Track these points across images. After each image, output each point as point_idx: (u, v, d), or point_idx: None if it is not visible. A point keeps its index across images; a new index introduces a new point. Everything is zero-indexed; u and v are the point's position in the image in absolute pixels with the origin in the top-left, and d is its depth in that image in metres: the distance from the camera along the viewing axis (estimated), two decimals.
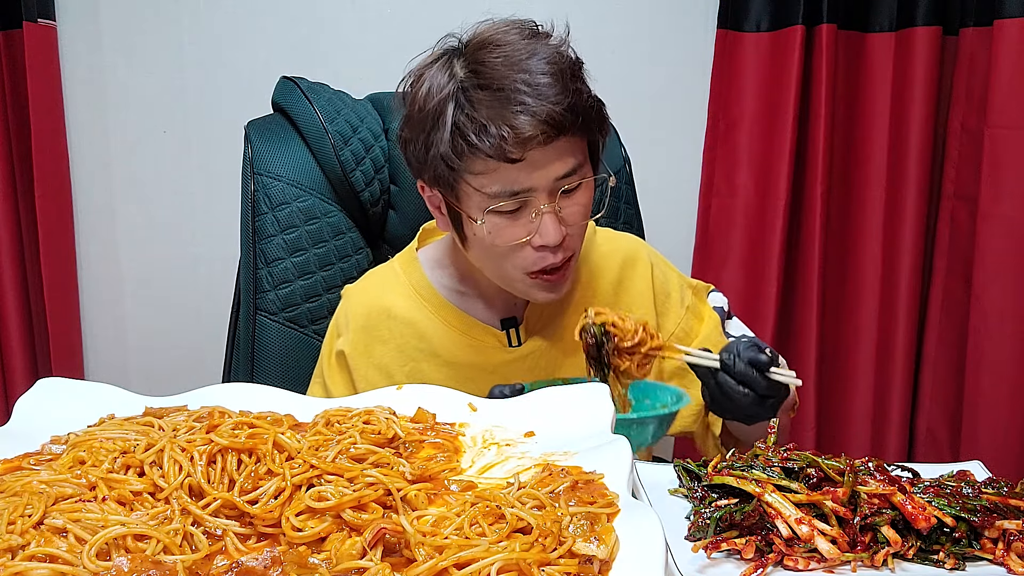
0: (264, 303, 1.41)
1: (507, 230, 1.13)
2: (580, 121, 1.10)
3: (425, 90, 1.12)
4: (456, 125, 1.08)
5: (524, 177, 1.10)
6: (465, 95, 1.09)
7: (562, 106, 1.07)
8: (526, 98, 1.06)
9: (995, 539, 0.86)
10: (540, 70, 1.08)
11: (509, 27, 1.14)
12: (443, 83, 1.10)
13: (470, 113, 1.08)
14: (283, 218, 1.40)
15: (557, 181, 1.11)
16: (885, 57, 2.03)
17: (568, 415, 0.94)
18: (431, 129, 1.11)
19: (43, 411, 0.94)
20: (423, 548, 0.69)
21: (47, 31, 2.00)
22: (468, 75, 1.10)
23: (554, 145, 1.09)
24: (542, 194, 1.11)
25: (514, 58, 1.09)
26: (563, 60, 1.11)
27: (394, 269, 1.32)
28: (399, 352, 1.26)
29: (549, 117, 1.06)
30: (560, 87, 1.08)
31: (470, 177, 1.11)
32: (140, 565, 0.67)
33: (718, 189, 2.14)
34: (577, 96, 1.10)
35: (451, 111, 1.09)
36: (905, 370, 2.15)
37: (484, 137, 1.06)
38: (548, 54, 1.10)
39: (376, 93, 1.53)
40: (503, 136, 1.06)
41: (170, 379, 2.08)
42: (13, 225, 2.03)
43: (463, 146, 1.08)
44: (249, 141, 1.43)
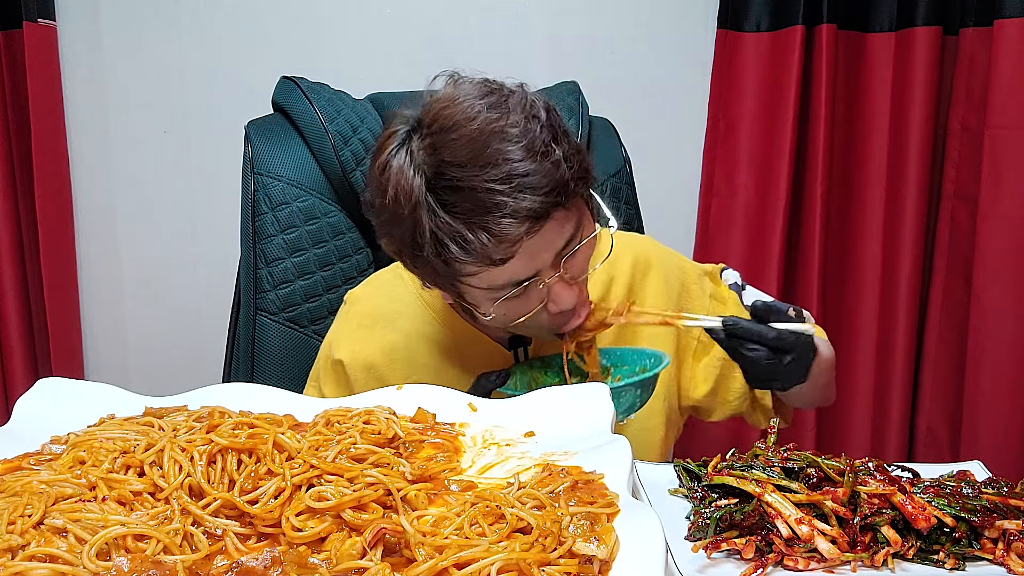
0: (264, 303, 1.40)
1: (520, 307, 1.07)
2: (565, 196, 1.01)
3: (392, 192, 1.02)
4: (435, 235, 1.00)
5: (524, 267, 1.02)
6: (436, 197, 0.99)
7: (543, 191, 0.98)
8: (503, 199, 0.97)
9: (995, 539, 0.86)
10: (514, 155, 0.98)
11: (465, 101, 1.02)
12: (408, 180, 1.01)
13: (447, 221, 0.99)
14: (283, 218, 1.40)
15: (559, 254, 1.04)
16: (885, 57, 2.03)
17: (568, 415, 0.94)
18: (412, 236, 1.02)
19: (43, 411, 0.94)
20: (423, 548, 0.69)
21: (47, 31, 2.00)
22: (433, 171, 1.00)
23: (546, 227, 1.00)
24: (547, 270, 1.04)
25: (480, 145, 0.98)
26: (533, 129, 1.00)
27: (400, 275, 1.28)
28: (401, 365, 1.23)
29: (531, 212, 0.97)
30: (537, 168, 0.98)
31: (465, 279, 1.04)
32: (140, 565, 0.67)
33: (718, 189, 2.14)
34: (555, 168, 0.99)
35: (425, 219, 1.00)
36: (905, 370, 2.15)
37: (466, 247, 0.98)
38: (518, 128, 0.99)
39: (376, 93, 1.53)
40: (485, 244, 0.98)
41: (170, 379, 2.07)
42: (13, 225, 2.03)
43: (448, 255, 1.00)
44: (249, 141, 1.43)
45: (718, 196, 2.14)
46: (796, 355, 1.09)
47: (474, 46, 2.06)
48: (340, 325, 1.28)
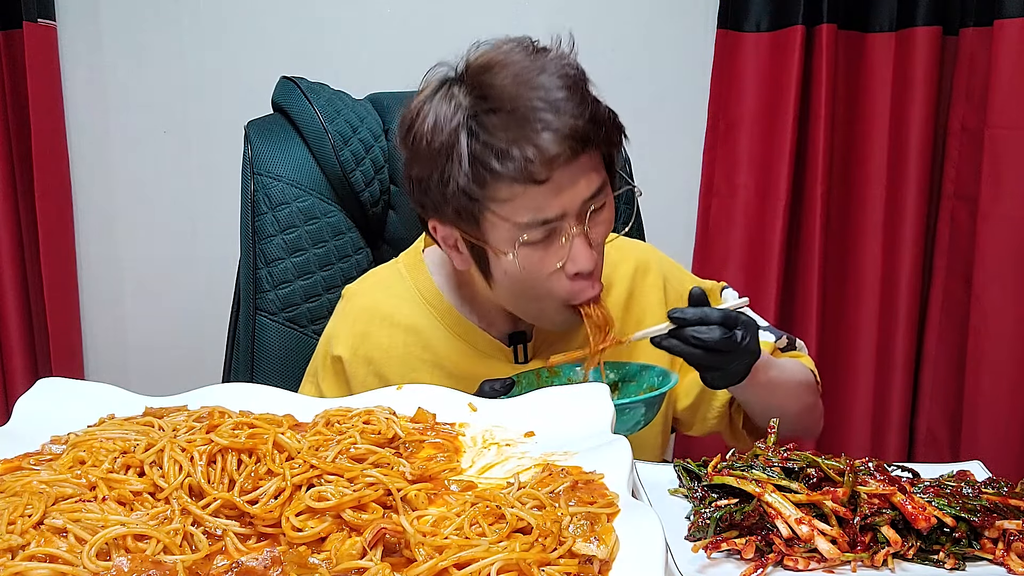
0: (264, 303, 1.40)
1: (539, 261, 1.09)
2: (603, 133, 1.06)
3: (430, 124, 1.06)
4: (473, 155, 1.03)
5: (553, 202, 1.05)
6: (476, 122, 1.04)
7: (583, 119, 1.03)
8: (545, 115, 1.02)
9: (995, 539, 0.86)
10: (554, 85, 1.04)
11: (510, 46, 1.08)
12: (448, 114, 1.05)
13: (487, 140, 1.02)
14: (283, 218, 1.40)
15: (585, 203, 1.07)
16: (885, 57, 2.03)
17: (568, 415, 0.94)
18: (445, 163, 1.05)
19: (43, 411, 0.94)
20: (423, 548, 0.69)
21: (47, 31, 2.00)
22: (475, 101, 1.05)
23: (579, 163, 1.04)
24: (571, 218, 1.07)
25: (524, 76, 1.04)
26: (574, 72, 1.07)
27: (398, 271, 1.28)
28: (400, 362, 1.22)
29: (573, 132, 1.02)
30: (578, 100, 1.04)
31: (495, 206, 1.05)
32: (140, 565, 0.67)
33: (718, 189, 2.14)
34: (595, 107, 1.06)
35: (464, 141, 1.03)
36: (905, 370, 2.14)
37: (507, 162, 1.01)
38: (557, 68, 1.06)
39: (376, 93, 1.53)
40: (528, 158, 1.01)
41: (170, 379, 2.07)
42: (13, 225, 2.03)
43: (485, 175, 1.03)
44: (249, 141, 1.43)
45: (718, 196, 2.14)
46: (745, 330, 1.09)
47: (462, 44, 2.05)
48: (338, 320, 1.28)
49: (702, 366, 1.11)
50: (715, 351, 1.07)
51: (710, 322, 1.07)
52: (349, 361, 1.23)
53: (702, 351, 1.07)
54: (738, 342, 1.08)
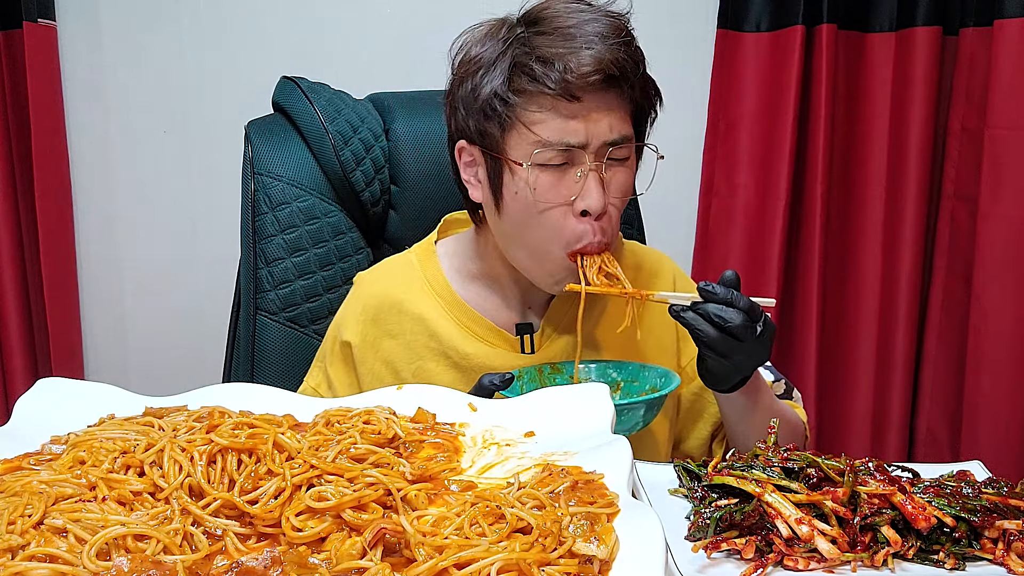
0: (264, 303, 1.40)
1: (551, 188, 1.10)
2: (638, 73, 1.12)
3: (479, 48, 1.13)
4: (516, 62, 1.09)
5: (578, 128, 1.09)
6: (526, 39, 1.10)
7: (624, 52, 1.09)
8: (590, 38, 1.07)
9: (995, 539, 0.86)
10: (601, 21, 1.10)
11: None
12: (502, 35, 1.12)
13: (531, 51, 1.08)
14: (283, 218, 1.40)
15: (606, 145, 1.10)
16: (885, 57, 2.03)
17: (568, 415, 0.94)
18: (486, 71, 1.11)
19: (43, 411, 0.94)
20: (423, 548, 0.69)
21: (47, 31, 2.00)
22: (528, 27, 1.11)
23: (610, 96, 1.10)
24: (591, 152, 1.10)
25: (575, 9, 1.11)
26: (623, 19, 1.13)
27: (410, 260, 1.29)
28: (407, 349, 1.23)
29: (613, 59, 1.07)
30: (622, 37, 1.10)
31: (524, 115, 1.10)
32: (140, 565, 0.67)
33: (718, 189, 2.14)
34: (638, 52, 1.12)
35: (511, 53, 1.10)
36: (905, 370, 2.15)
37: (547, 71, 1.07)
38: (608, 14, 1.12)
39: (376, 93, 1.53)
40: (567, 69, 1.06)
41: (170, 379, 2.07)
42: (13, 225, 2.03)
43: (523, 80, 1.09)
44: (249, 141, 1.43)
45: (718, 196, 2.14)
46: (766, 328, 1.07)
47: None
48: (348, 307, 1.29)
49: (712, 347, 1.06)
50: (730, 336, 1.05)
51: (737, 306, 1.05)
52: (358, 347, 1.24)
53: (719, 332, 1.05)
54: (756, 335, 1.06)
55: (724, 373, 1.11)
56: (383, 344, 1.24)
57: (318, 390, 1.27)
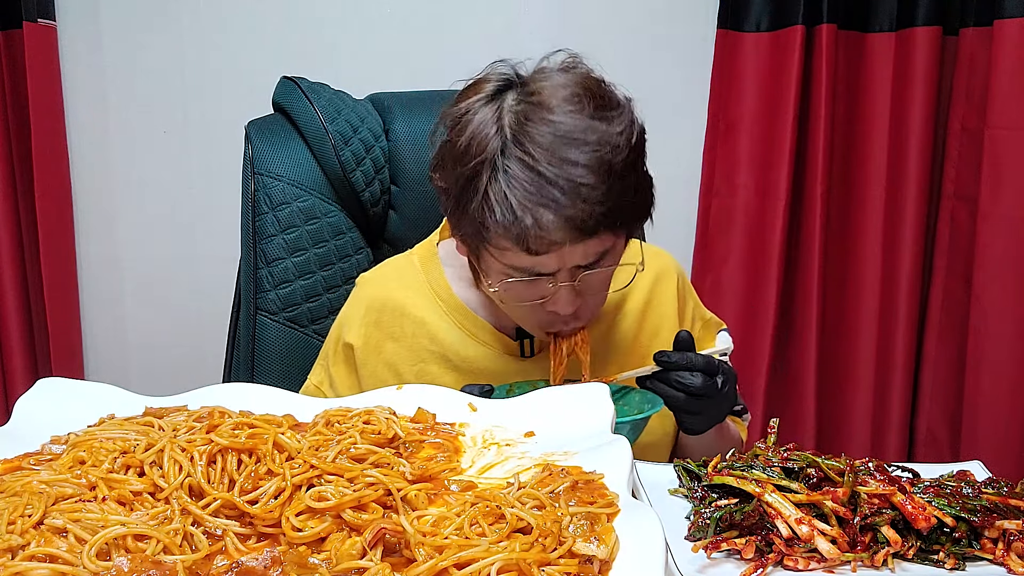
0: (264, 303, 1.40)
1: (522, 293, 1.10)
2: (616, 223, 1.05)
3: (468, 137, 1.04)
4: (487, 198, 1.02)
5: (545, 264, 1.05)
6: (505, 163, 1.01)
7: (598, 210, 1.01)
8: (562, 198, 0.99)
9: (995, 539, 0.86)
10: (586, 164, 1.00)
11: (568, 90, 1.04)
12: (488, 136, 1.03)
13: (504, 191, 1.01)
14: (283, 218, 1.40)
15: (579, 268, 1.07)
16: (885, 57, 2.03)
17: (568, 415, 0.94)
18: (463, 188, 1.05)
19: (43, 411, 0.94)
20: (423, 548, 0.69)
21: (47, 31, 2.00)
22: (514, 136, 1.02)
23: (587, 242, 1.04)
24: (562, 274, 1.07)
25: (561, 140, 1.01)
26: (616, 152, 1.03)
27: (412, 262, 1.29)
28: (409, 351, 1.24)
29: (580, 222, 1.00)
30: (603, 189, 1.01)
31: (492, 248, 1.06)
32: (140, 565, 0.67)
33: (718, 189, 2.14)
34: (620, 197, 1.03)
35: (486, 179, 1.02)
36: (905, 370, 2.15)
37: (510, 225, 1.01)
38: (602, 143, 1.02)
39: (377, 93, 1.53)
40: (527, 228, 1.00)
41: (170, 379, 2.07)
42: (13, 225, 2.03)
43: (489, 222, 1.02)
44: (250, 141, 1.43)
45: (718, 196, 2.14)
46: (726, 378, 1.12)
47: (473, 46, 2.06)
48: (350, 308, 1.29)
49: (682, 410, 1.12)
50: (696, 396, 1.10)
51: (694, 368, 1.09)
52: (360, 349, 1.24)
53: (684, 395, 1.10)
54: (719, 388, 1.11)
55: (700, 426, 1.16)
56: (386, 346, 1.24)
57: (320, 388, 1.28)
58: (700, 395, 1.10)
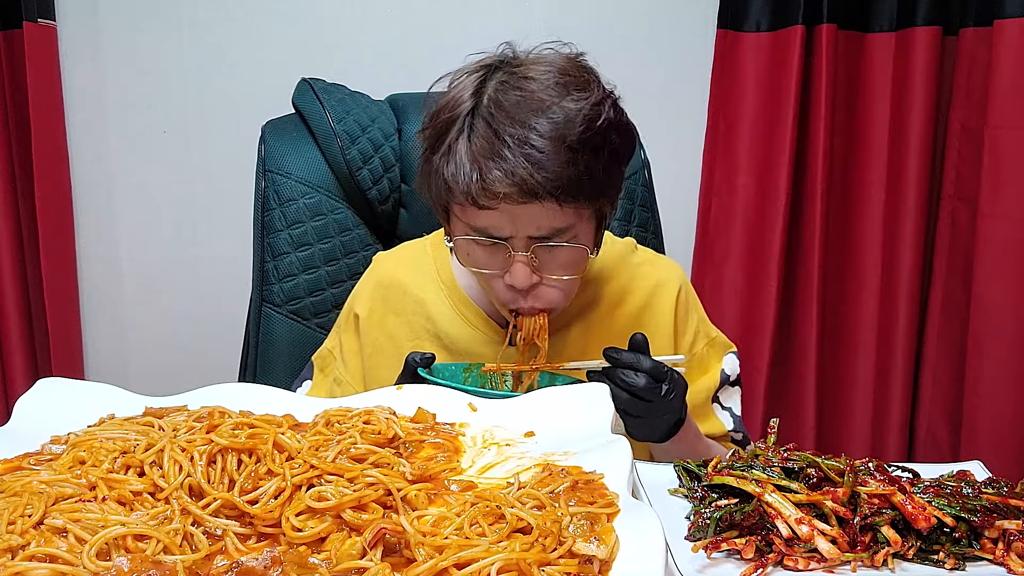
0: (270, 295, 1.44)
1: (481, 259, 1.13)
2: (559, 192, 1.04)
3: (448, 99, 1.10)
4: (448, 152, 1.07)
5: (498, 225, 1.08)
6: (472, 121, 1.07)
7: (542, 174, 1.02)
8: (509, 155, 1.03)
9: (995, 539, 0.86)
10: (542, 130, 1.03)
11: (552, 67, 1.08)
12: (464, 99, 1.08)
13: (465, 146, 1.06)
14: (289, 214, 1.43)
15: (532, 239, 1.09)
16: (885, 57, 2.03)
17: (568, 415, 0.94)
18: (434, 143, 1.10)
19: (43, 411, 0.94)
20: (423, 548, 0.69)
21: (47, 31, 2.00)
22: (489, 100, 1.07)
23: (532, 205, 1.05)
24: (517, 242, 1.09)
25: (526, 107, 1.04)
26: (572, 126, 1.04)
27: (425, 247, 1.35)
28: (408, 327, 1.29)
29: (522, 181, 1.02)
30: (550, 155, 1.03)
31: (453, 205, 1.11)
32: (140, 565, 0.67)
33: (718, 189, 2.14)
34: (567, 167, 1.03)
35: (453, 135, 1.07)
36: (905, 370, 2.15)
37: (461, 177, 1.05)
38: (564, 115, 1.04)
39: (395, 94, 1.54)
40: (473, 181, 1.04)
41: (170, 379, 2.07)
42: (13, 225, 2.03)
43: (446, 173, 1.07)
44: (264, 140, 1.47)
45: (718, 196, 2.14)
46: (672, 387, 1.11)
47: (474, 47, 2.05)
48: (364, 283, 1.35)
49: (623, 410, 1.11)
50: (639, 399, 1.09)
51: (640, 369, 1.09)
52: (365, 319, 1.31)
53: (627, 395, 1.09)
54: (662, 395, 1.10)
55: (643, 431, 1.15)
56: (388, 320, 1.31)
57: (332, 352, 1.35)
58: (642, 397, 1.09)
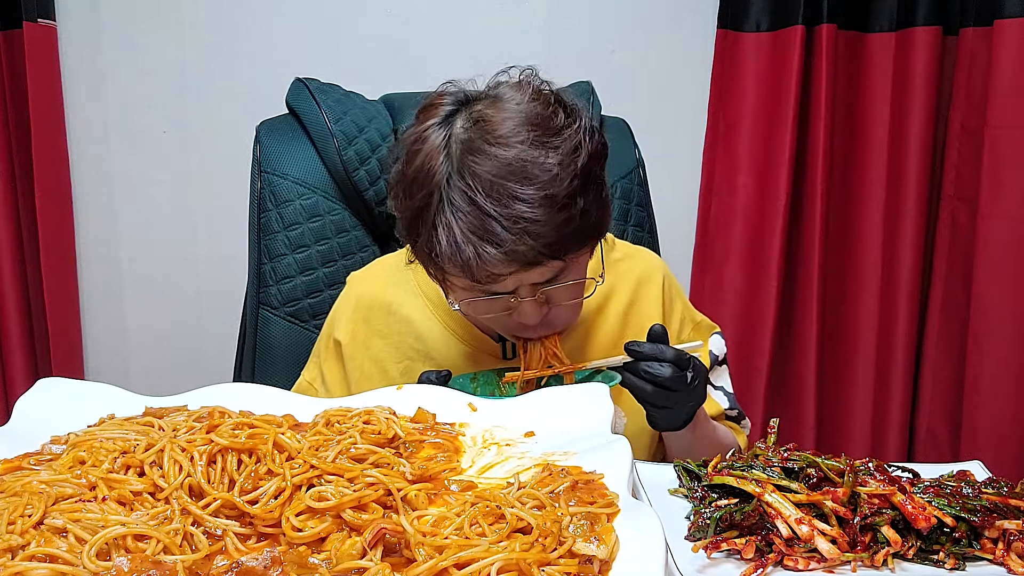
0: (267, 297, 1.43)
1: (485, 309, 1.10)
2: (561, 252, 1.02)
3: (417, 166, 1.03)
4: (434, 229, 1.01)
5: (501, 287, 1.05)
6: (449, 195, 1.00)
7: (542, 243, 0.99)
8: (504, 235, 0.98)
9: (995, 539, 0.86)
10: (525, 197, 0.98)
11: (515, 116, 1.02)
12: (435, 165, 1.02)
13: (449, 223, 1.00)
14: (287, 215, 1.42)
15: (537, 285, 1.06)
16: (885, 57, 2.03)
17: (568, 415, 0.94)
18: (413, 218, 1.04)
19: (43, 411, 0.94)
20: (423, 548, 0.69)
21: (47, 31, 2.00)
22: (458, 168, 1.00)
23: (533, 270, 1.03)
24: (523, 290, 1.06)
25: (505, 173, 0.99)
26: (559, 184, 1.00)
27: (402, 262, 1.29)
28: (396, 349, 1.25)
29: (522, 256, 0.99)
30: (545, 223, 0.99)
31: (447, 276, 1.06)
32: (140, 565, 0.67)
33: (718, 189, 2.14)
34: (564, 226, 1.01)
35: (434, 208, 1.01)
36: (905, 370, 2.14)
37: (454, 256, 1.00)
38: (547, 174, 0.99)
39: (389, 94, 1.54)
40: (469, 260, 0.99)
41: (170, 379, 2.08)
42: (13, 225, 2.03)
43: (438, 252, 1.02)
44: (259, 140, 1.45)
45: (718, 196, 2.14)
46: (696, 374, 1.10)
47: (474, 47, 2.06)
48: (340, 305, 1.31)
49: (650, 403, 1.11)
50: (664, 389, 1.09)
51: (664, 359, 1.08)
52: (348, 345, 1.26)
53: (652, 387, 1.09)
54: (687, 383, 1.09)
55: (668, 421, 1.15)
56: (373, 343, 1.26)
57: (313, 384, 1.29)
58: (668, 388, 1.08)
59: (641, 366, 1.08)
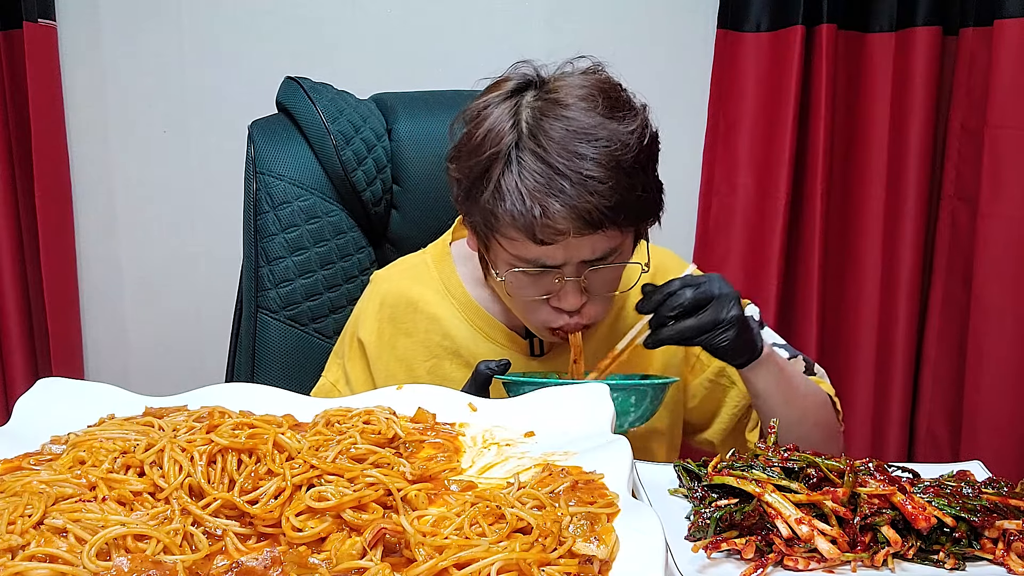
0: (265, 301, 1.41)
1: (527, 288, 1.12)
2: (621, 218, 1.06)
3: (485, 131, 1.08)
4: (498, 188, 1.05)
5: (552, 256, 1.07)
6: (518, 155, 1.05)
7: (604, 204, 1.03)
8: (571, 189, 1.02)
9: (995, 539, 0.86)
10: (595, 157, 1.03)
11: (585, 88, 1.08)
12: (504, 130, 1.06)
13: (516, 181, 1.04)
14: (284, 217, 1.40)
15: (586, 263, 1.09)
16: (885, 57, 2.03)
17: (568, 415, 0.95)
18: (477, 179, 1.08)
19: (43, 411, 0.94)
20: (423, 548, 0.69)
21: (47, 31, 2.00)
22: (529, 131, 1.06)
23: (594, 236, 1.06)
24: (569, 268, 1.09)
25: (573, 136, 1.04)
26: (626, 150, 1.05)
27: (425, 261, 1.31)
28: (423, 347, 1.25)
29: (586, 213, 1.03)
30: (611, 183, 1.03)
31: (501, 238, 1.08)
32: (140, 565, 0.67)
33: (718, 189, 2.14)
34: (627, 192, 1.05)
35: (499, 170, 1.05)
36: (905, 370, 2.14)
37: (519, 214, 1.03)
38: (613, 140, 1.05)
39: (380, 93, 1.53)
40: (535, 218, 1.03)
41: (170, 379, 2.08)
42: (13, 225, 2.03)
43: (500, 212, 1.05)
44: (252, 141, 1.44)
45: (718, 196, 2.14)
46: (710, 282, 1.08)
47: (474, 47, 2.06)
48: (365, 304, 1.31)
49: (701, 330, 1.07)
50: (698, 310, 1.06)
51: (674, 291, 1.07)
52: (373, 344, 1.26)
53: (690, 320, 1.06)
54: (714, 292, 1.07)
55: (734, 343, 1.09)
56: (399, 342, 1.26)
57: (336, 385, 1.29)
58: (702, 305, 1.06)
59: (663, 313, 1.07)
